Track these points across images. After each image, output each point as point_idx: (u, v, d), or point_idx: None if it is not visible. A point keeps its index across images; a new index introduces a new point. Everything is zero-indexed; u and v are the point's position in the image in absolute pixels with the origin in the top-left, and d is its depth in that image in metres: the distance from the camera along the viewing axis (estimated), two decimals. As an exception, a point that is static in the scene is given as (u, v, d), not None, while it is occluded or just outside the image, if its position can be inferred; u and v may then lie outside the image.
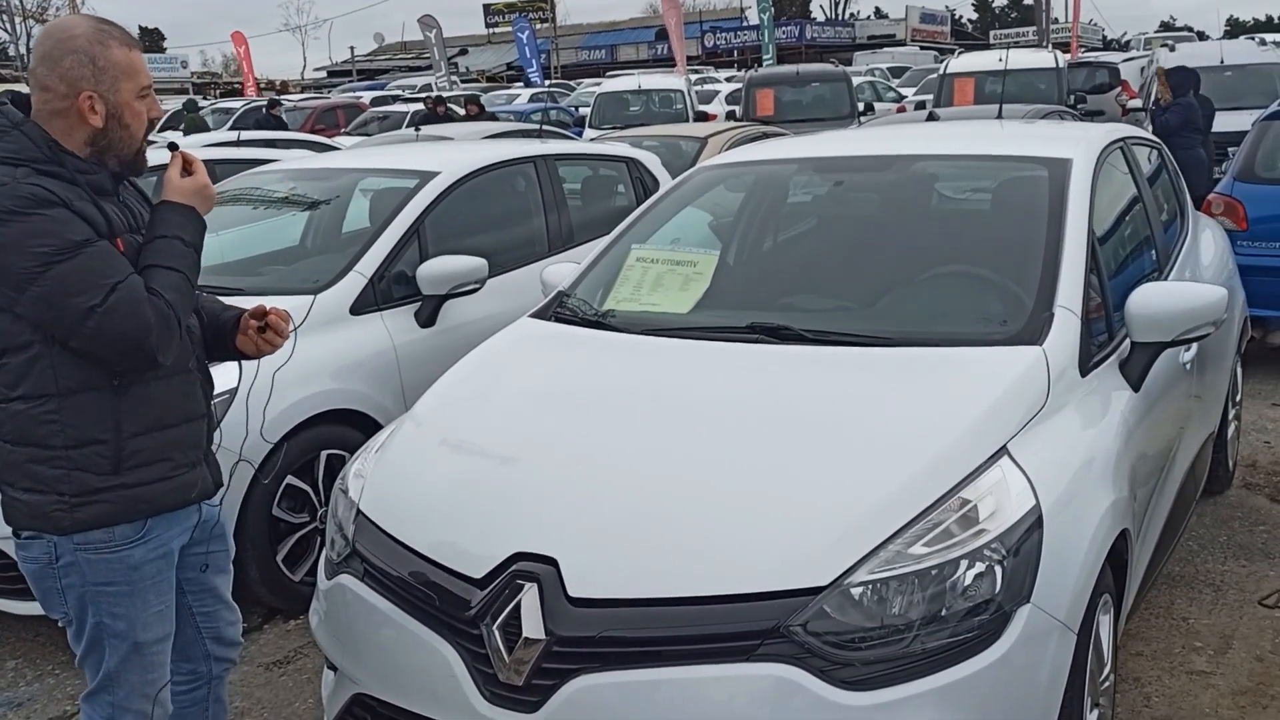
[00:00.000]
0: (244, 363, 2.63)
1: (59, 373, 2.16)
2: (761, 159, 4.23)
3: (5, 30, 53.25)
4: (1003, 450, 2.45)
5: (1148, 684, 3.37)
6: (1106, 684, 2.73)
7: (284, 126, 14.02)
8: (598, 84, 22.95)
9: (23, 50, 51.62)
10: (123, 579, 2.27)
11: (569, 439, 2.68)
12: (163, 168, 2.37)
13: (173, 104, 28.44)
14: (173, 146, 2.40)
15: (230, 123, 19.22)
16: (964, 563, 2.23)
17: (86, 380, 2.17)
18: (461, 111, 15.77)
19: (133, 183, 2.38)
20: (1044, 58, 15.42)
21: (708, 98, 21.17)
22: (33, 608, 3.63)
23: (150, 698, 2.37)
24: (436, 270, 4.46)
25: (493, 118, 13.64)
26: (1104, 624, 2.65)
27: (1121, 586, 2.83)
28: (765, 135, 9.04)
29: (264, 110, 16.26)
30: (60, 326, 2.11)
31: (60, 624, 2.36)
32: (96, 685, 2.34)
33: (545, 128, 7.69)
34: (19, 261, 2.06)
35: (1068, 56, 19.62)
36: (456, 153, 5.55)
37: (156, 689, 2.38)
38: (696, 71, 30.48)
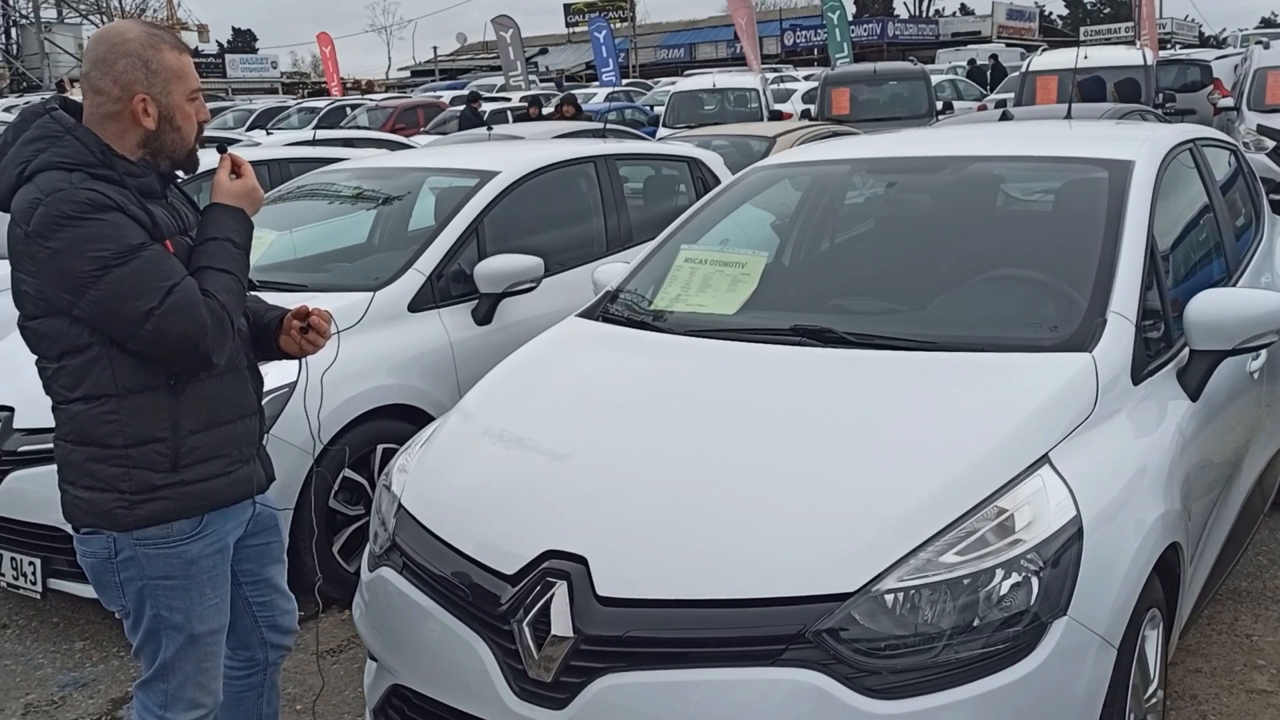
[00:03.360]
0: (305, 359, 2.65)
1: (117, 373, 2.20)
2: (815, 159, 4.20)
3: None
4: (1044, 459, 2.41)
5: (1204, 701, 3.27)
6: (1153, 700, 2.66)
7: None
8: (673, 83, 22.93)
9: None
10: (180, 573, 2.32)
11: (605, 439, 2.70)
12: (211, 172, 2.41)
13: (262, 103, 29.14)
14: (222, 149, 2.44)
15: (314, 121, 19.64)
16: (999, 572, 2.19)
17: (144, 380, 2.22)
18: (547, 111, 15.85)
19: (179, 186, 2.43)
20: (1131, 55, 15.01)
21: (784, 96, 21.01)
22: (97, 591, 3.77)
23: (203, 686, 2.42)
24: (493, 268, 4.51)
25: (589, 118, 13.67)
26: (1151, 639, 2.58)
27: (1173, 601, 2.75)
28: (835, 135, 8.97)
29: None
30: (118, 329, 2.15)
31: (118, 616, 2.42)
32: (151, 674, 2.39)
33: (611, 127, 7.71)
34: (78, 266, 2.10)
35: (1162, 53, 19.09)
36: (519, 153, 5.61)
37: (210, 678, 2.43)
38: (774, 70, 30.29)
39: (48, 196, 2.11)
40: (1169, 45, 36.71)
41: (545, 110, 16.13)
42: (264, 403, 2.54)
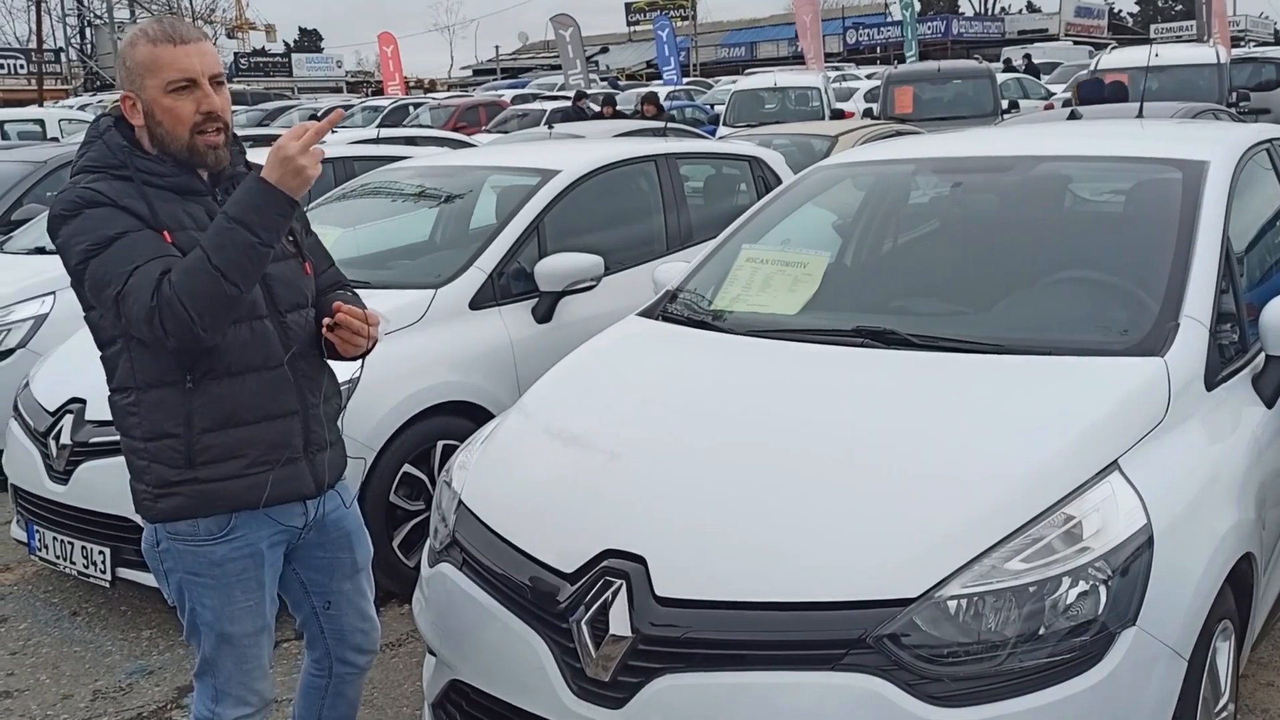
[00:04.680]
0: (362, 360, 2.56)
1: (136, 367, 2.23)
2: (879, 159, 4.15)
3: (175, 31, 56.09)
4: (1113, 465, 2.36)
5: (1276, 716, 3.18)
6: (1224, 714, 2.59)
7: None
8: (734, 82, 22.85)
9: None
10: (208, 572, 2.31)
11: (665, 439, 2.69)
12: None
13: (327, 101, 29.53)
14: (315, 116, 2.40)
15: (378, 120, 19.87)
16: (1065, 580, 2.15)
17: (160, 376, 2.22)
18: (596, 109, 15.83)
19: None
20: (1203, 53, 14.68)
21: (846, 95, 20.86)
22: (164, 581, 3.85)
23: (248, 685, 2.39)
24: (554, 267, 4.52)
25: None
26: (1222, 651, 2.52)
27: (1246, 612, 2.68)
28: (898, 134, 8.88)
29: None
30: (111, 319, 2.19)
31: (170, 603, 2.46)
32: (199, 667, 2.42)
33: (672, 126, 7.70)
34: (71, 260, 2.18)
35: (1236, 51, 18.64)
36: (579, 151, 5.61)
37: (254, 679, 2.40)
38: (836, 69, 30.06)
39: (56, 199, 2.21)
40: (1242, 43, 35.79)
41: (619, 108, 15.97)
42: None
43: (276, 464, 2.30)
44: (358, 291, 2.59)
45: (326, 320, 2.35)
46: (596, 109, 15.85)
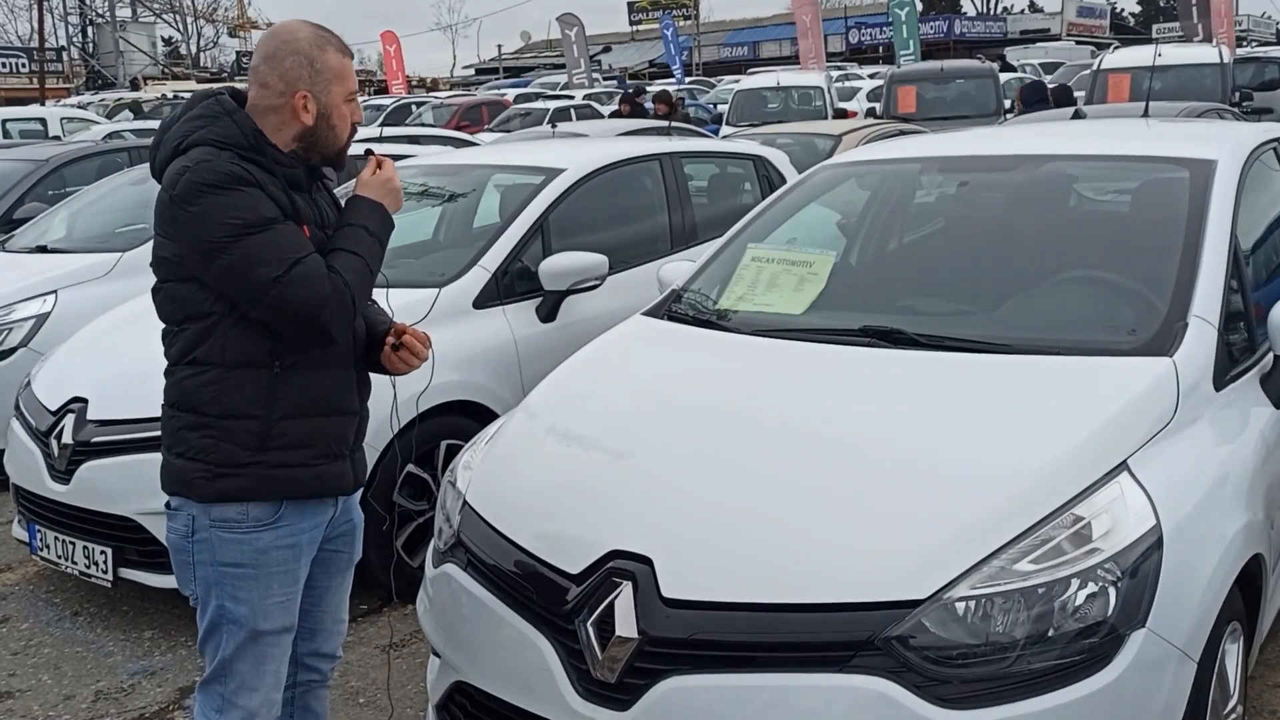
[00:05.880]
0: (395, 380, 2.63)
1: (228, 345, 2.27)
2: (885, 158, 4.14)
3: (177, 29, 56.25)
4: (1122, 466, 2.34)
5: (1284, 718, 3.17)
6: (1232, 716, 2.58)
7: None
8: (737, 81, 22.83)
9: (192, 49, 54.49)
10: (250, 561, 2.33)
11: (671, 439, 2.68)
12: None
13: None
14: (369, 152, 2.51)
15: (381, 119, 19.86)
16: (1075, 582, 2.14)
17: (250, 357, 2.28)
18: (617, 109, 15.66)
19: (326, 186, 2.50)
20: (1206, 52, 14.66)
21: (848, 95, 20.82)
22: (167, 581, 3.83)
23: (258, 693, 2.39)
24: (558, 266, 4.51)
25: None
26: (1231, 653, 2.51)
27: (1254, 614, 2.67)
28: (902, 133, 8.86)
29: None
30: (244, 295, 2.23)
31: (190, 602, 2.44)
32: (210, 674, 2.41)
33: (676, 125, 7.69)
34: (214, 231, 2.20)
35: (1239, 51, 18.62)
36: (583, 150, 5.60)
37: (264, 684, 2.39)
38: (838, 68, 30.03)
39: (195, 165, 2.22)
40: (1245, 43, 35.73)
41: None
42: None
43: (333, 459, 2.39)
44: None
45: (390, 339, 2.48)
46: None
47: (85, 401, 4.07)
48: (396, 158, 6.51)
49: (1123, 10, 66.97)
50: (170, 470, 2.36)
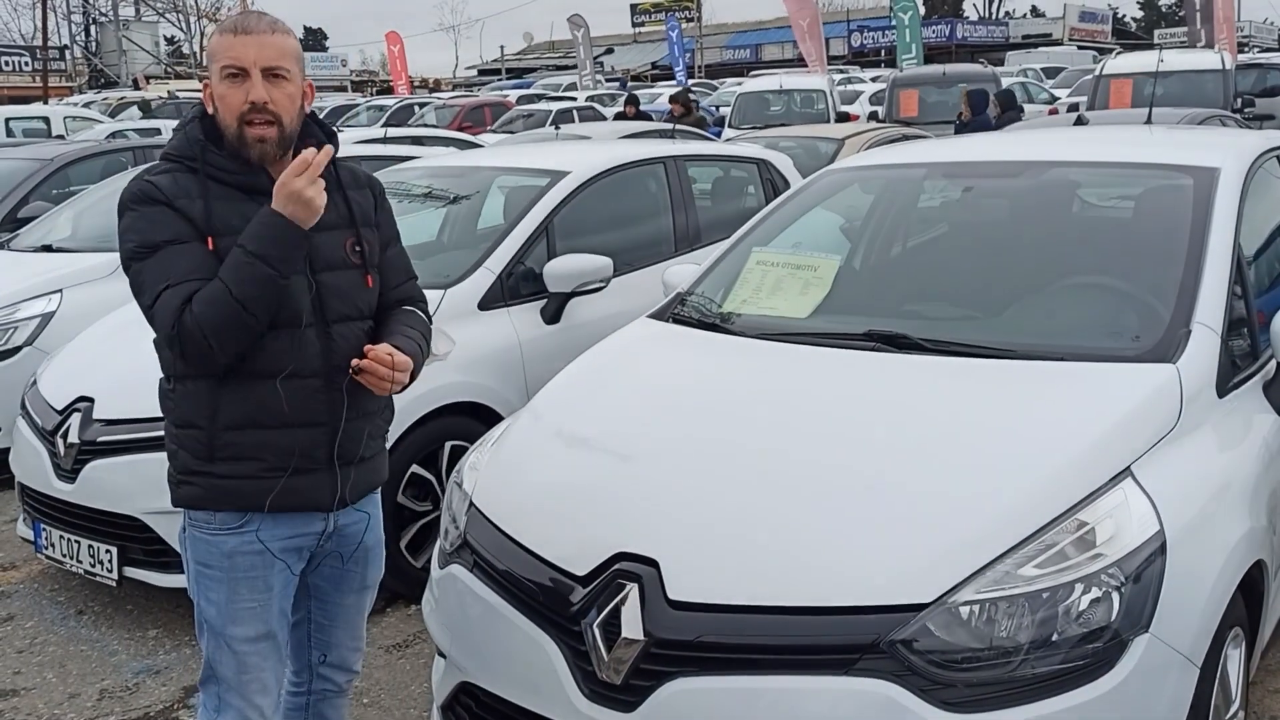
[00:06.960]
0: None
1: (177, 356, 2.25)
2: (890, 163, 4.15)
3: (180, 29, 56.26)
4: (1126, 472, 2.36)
5: (1285, 724, 3.18)
6: (1234, 722, 2.59)
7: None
8: (739, 83, 22.83)
9: (195, 48, 54.49)
10: (217, 564, 2.30)
11: (677, 441, 2.69)
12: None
13: (332, 100, 29.54)
14: (320, 145, 2.24)
15: (383, 119, 19.88)
16: (1078, 587, 2.15)
17: (194, 369, 2.23)
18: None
19: (345, 181, 2.40)
20: (1209, 58, 14.67)
21: (851, 98, 20.85)
22: (172, 580, 3.85)
23: (248, 700, 2.34)
24: (563, 268, 4.52)
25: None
26: (1233, 658, 2.52)
27: (1256, 619, 2.68)
28: (905, 137, 8.88)
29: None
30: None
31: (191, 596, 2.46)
32: (204, 672, 2.40)
33: (679, 127, 7.70)
34: (122, 254, 2.22)
35: (1241, 57, 18.62)
36: (589, 153, 5.62)
37: (253, 692, 2.34)
38: (840, 71, 30.05)
39: (128, 184, 2.23)
40: (1247, 48, 35.72)
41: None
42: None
43: (291, 472, 2.26)
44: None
45: (355, 361, 2.25)
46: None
47: (91, 401, 4.08)
48: (401, 159, 6.55)
49: (1124, 15, 67.01)
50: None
